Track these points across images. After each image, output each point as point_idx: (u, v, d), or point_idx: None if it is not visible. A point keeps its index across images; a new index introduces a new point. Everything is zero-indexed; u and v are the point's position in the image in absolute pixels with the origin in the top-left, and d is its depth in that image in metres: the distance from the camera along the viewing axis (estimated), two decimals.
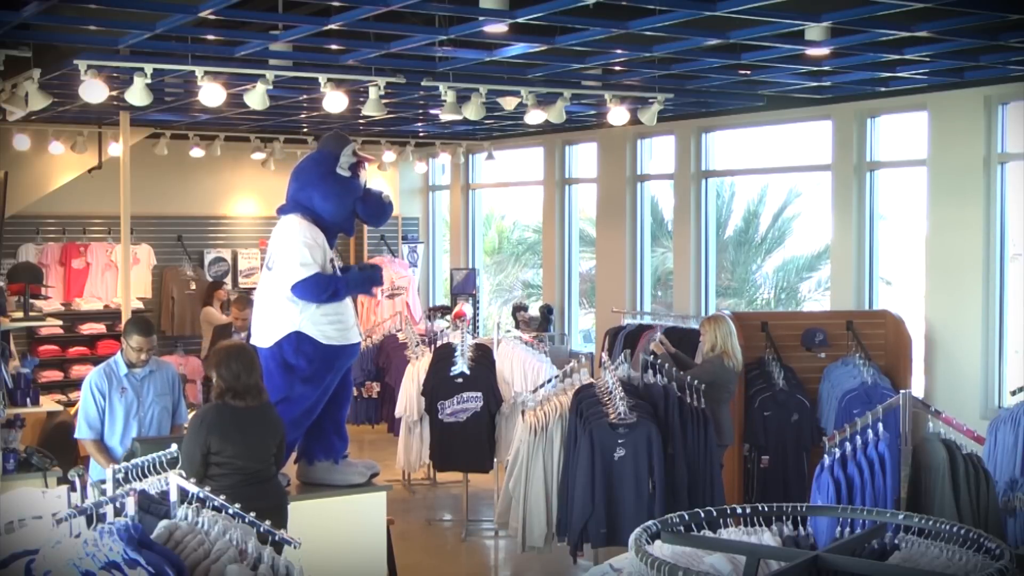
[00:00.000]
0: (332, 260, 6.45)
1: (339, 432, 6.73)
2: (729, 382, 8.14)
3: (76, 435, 6.97)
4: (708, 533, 3.53)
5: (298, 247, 6.23)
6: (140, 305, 13.66)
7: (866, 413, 5.64)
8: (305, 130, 14.31)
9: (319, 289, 6.24)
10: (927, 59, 8.59)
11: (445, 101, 9.47)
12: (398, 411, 10.17)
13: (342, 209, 6.42)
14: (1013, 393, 6.73)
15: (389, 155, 15.13)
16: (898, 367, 9.26)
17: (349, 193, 6.42)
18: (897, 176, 11.45)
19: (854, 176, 10.91)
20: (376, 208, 6.53)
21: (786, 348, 9.27)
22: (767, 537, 3.69)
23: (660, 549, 3.37)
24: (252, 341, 6.50)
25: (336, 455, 6.75)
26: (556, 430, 7.63)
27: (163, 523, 3.84)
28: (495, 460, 9.45)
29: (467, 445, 9.46)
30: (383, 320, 13.80)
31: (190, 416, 6.72)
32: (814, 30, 7.58)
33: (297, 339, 6.28)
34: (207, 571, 3.59)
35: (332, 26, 7.32)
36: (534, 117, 10.14)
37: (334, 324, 6.36)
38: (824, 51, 8.29)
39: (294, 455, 6.81)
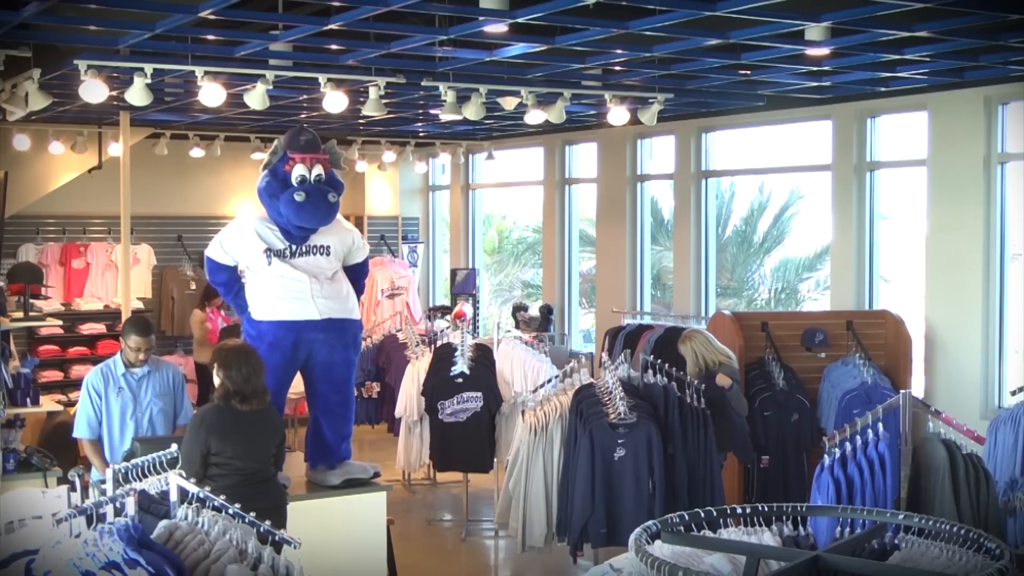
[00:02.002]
0: (278, 252, 6.41)
1: (319, 437, 6.73)
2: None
3: (74, 433, 6.96)
4: (708, 533, 3.53)
5: (221, 232, 6.64)
6: (140, 305, 13.65)
7: (866, 413, 5.64)
8: None
9: (208, 270, 6.76)
10: (927, 59, 8.58)
11: (445, 101, 9.46)
12: (398, 411, 10.17)
13: (270, 208, 6.44)
14: (1013, 393, 6.73)
15: (389, 155, 15.12)
16: (898, 367, 9.26)
17: (269, 192, 6.40)
18: (897, 176, 11.45)
19: (854, 176, 10.91)
20: (290, 209, 6.30)
21: (786, 348, 9.26)
22: (767, 537, 3.69)
23: (660, 549, 3.37)
24: None
25: (314, 460, 6.79)
26: (556, 430, 7.63)
27: (163, 523, 3.84)
28: (495, 460, 9.45)
29: (467, 445, 9.46)
30: (383, 320, 13.81)
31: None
32: (814, 30, 7.57)
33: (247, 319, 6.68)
34: (207, 571, 3.59)
35: (332, 26, 7.32)
36: (534, 117, 10.14)
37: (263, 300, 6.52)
38: (824, 51, 8.29)
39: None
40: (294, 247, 6.44)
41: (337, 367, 6.63)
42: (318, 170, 6.38)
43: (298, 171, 6.34)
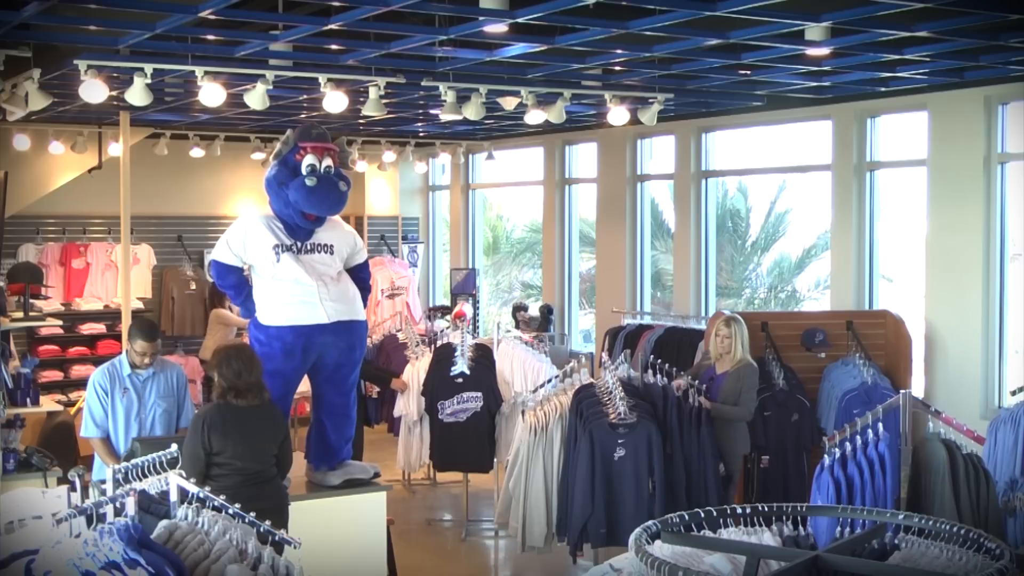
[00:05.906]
0: (286, 247, 6.38)
1: (321, 436, 6.72)
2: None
3: (82, 433, 6.95)
4: (708, 533, 3.53)
5: (225, 234, 6.53)
6: (140, 305, 13.65)
7: (866, 413, 5.65)
8: None
9: (215, 275, 6.63)
10: (927, 59, 8.58)
11: (445, 101, 9.46)
12: (398, 411, 10.17)
13: (277, 198, 6.41)
14: (1013, 393, 6.74)
15: (389, 155, 15.12)
16: (898, 367, 9.26)
17: (279, 180, 6.38)
18: (897, 176, 11.45)
19: (854, 176, 10.91)
20: (300, 194, 6.28)
21: (786, 348, 9.26)
22: (767, 537, 3.69)
23: (660, 549, 3.37)
24: None
25: (316, 461, 6.78)
26: (556, 430, 7.63)
27: (163, 523, 3.84)
28: (495, 460, 9.45)
29: (467, 445, 9.47)
30: (383, 320, 13.80)
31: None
32: (814, 30, 7.57)
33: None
34: (207, 571, 3.59)
35: (332, 26, 7.32)
36: (534, 117, 10.14)
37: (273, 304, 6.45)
38: (824, 51, 8.29)
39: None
40: (299, 243, 6.42)
41: (344, 369, 6.62)
42: (328, 161, 6.40)
43: (308, 160, 6.34)
